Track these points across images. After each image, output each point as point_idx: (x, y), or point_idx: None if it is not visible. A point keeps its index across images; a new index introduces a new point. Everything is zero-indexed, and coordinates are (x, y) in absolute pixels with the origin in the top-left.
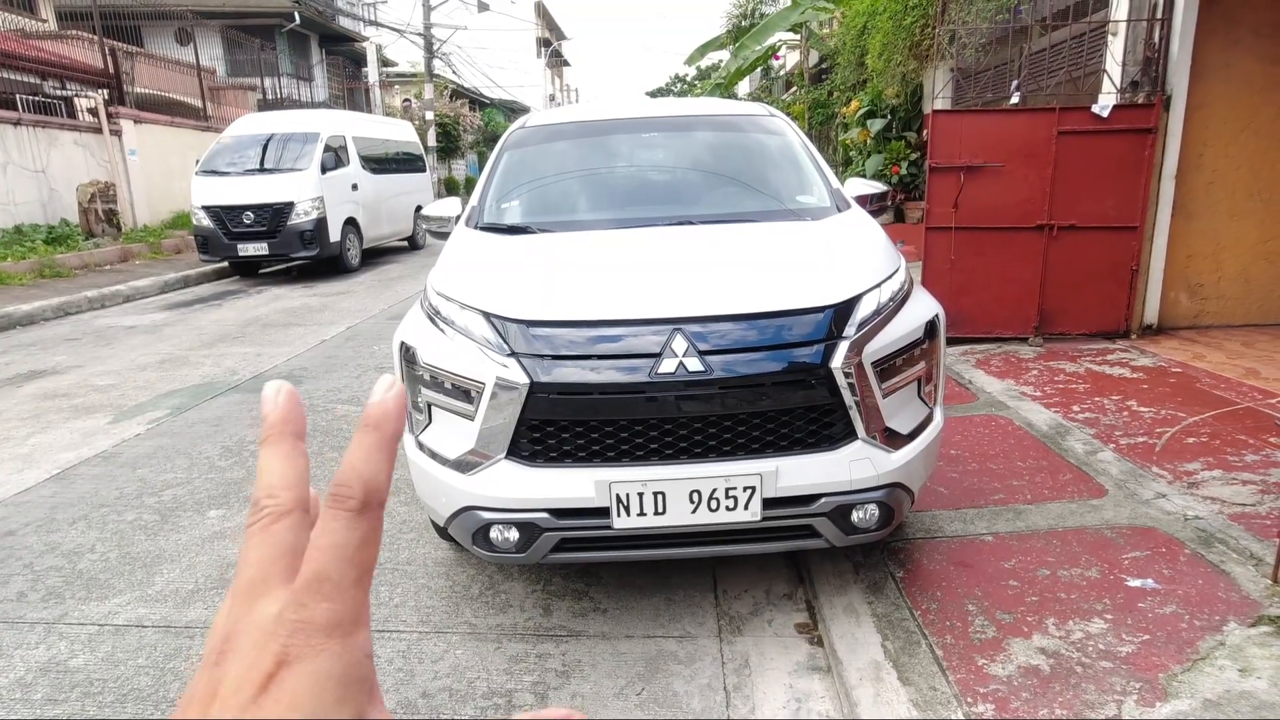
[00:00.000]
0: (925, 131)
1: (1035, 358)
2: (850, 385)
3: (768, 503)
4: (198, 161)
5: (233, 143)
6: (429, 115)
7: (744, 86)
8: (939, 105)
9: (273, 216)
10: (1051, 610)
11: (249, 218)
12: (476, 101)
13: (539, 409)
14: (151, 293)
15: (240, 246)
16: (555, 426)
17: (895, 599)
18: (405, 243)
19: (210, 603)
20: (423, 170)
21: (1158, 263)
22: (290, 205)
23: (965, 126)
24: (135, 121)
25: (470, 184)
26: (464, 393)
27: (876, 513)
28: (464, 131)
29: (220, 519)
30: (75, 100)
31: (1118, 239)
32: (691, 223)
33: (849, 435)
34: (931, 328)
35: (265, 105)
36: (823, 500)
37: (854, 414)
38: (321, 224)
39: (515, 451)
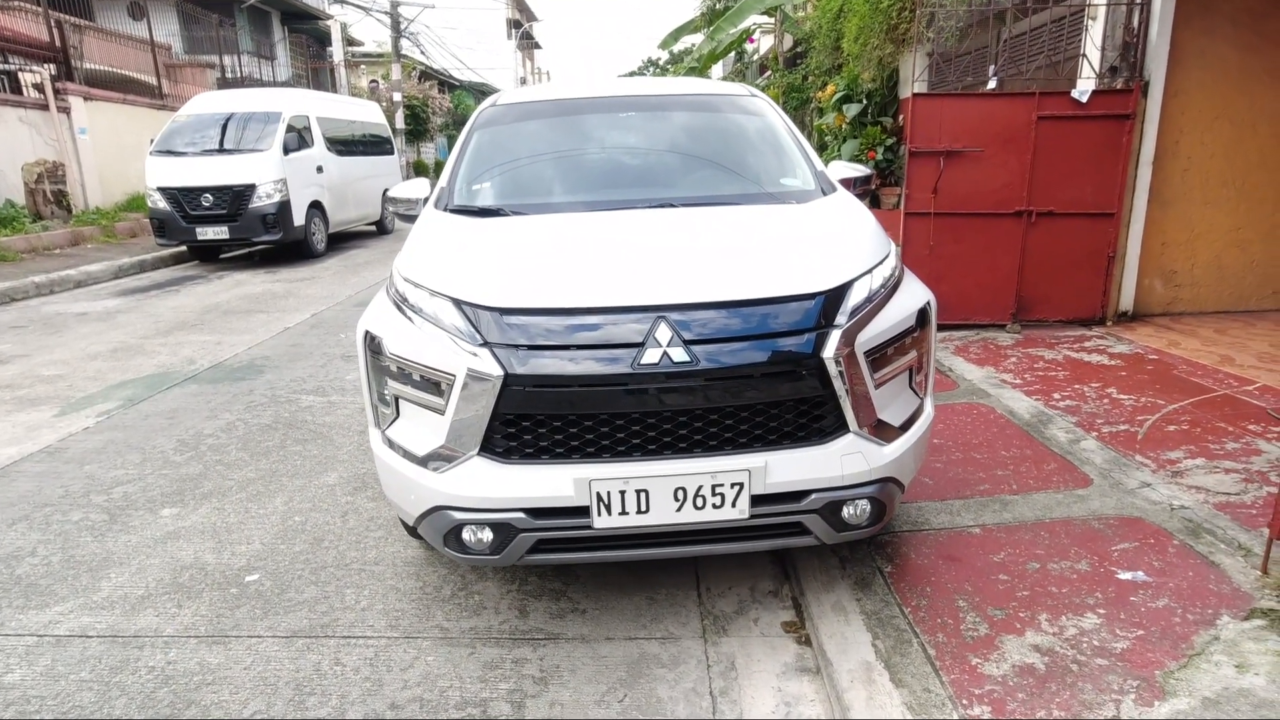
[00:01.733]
0: (901, 117)
1: (1013, 344)
2: (841, 376)
3: (756, 499)
4: (153, 141)
5: (189, 122)
6: (397, 96)
7: (717, 70)
8: (917, 89)
9: (233, 199)
10: (1043, 605)
11: (208, 200)
12: (446, 83)
13: (513, 402)
14: (105, 278)
15: (199, 230)
16: (531, 421)
17: (884, 595)
18: (373, 227)
19: (162, 609)
20: (390, 153)
21: (1134, 250)
22: (251, 187)
23: (945, 110)
24: (85, 98)
25: (440, 167)
26: (433, 385)
27: (868, 508)
28: (433, 114)
29: (174, 518)
30: (19, 75)
31: (1095, 225)
32: (672, 205)
33: (840, 428)
34: (923, 315)
35: (225, 84)
36: (813, 496)
37: (845, 406)
38: (285, 207)
39: (488, 448)
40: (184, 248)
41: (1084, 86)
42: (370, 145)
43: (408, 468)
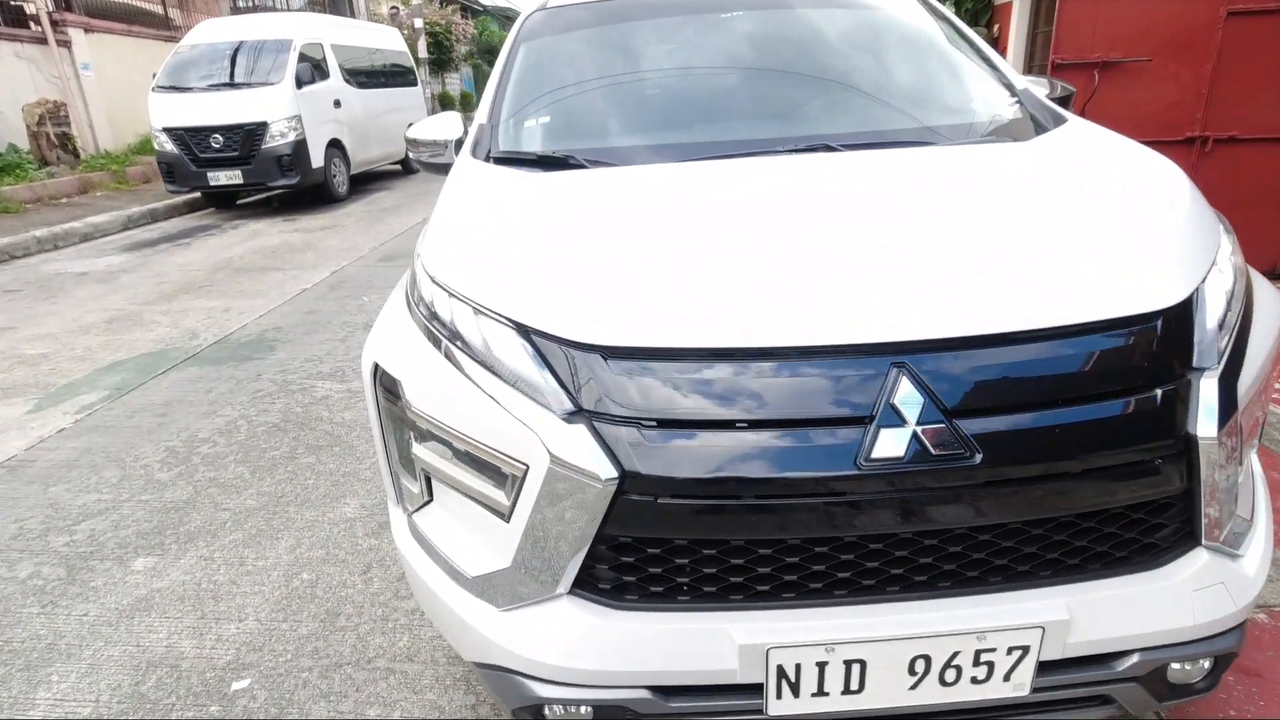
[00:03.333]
0: (997, 25)
1: None
2: (1212, 457)
3: (1044, 666)
4: (155, 76)
5: (193, 53)
6: (418, 23)
7: None
8: None
9: (244, 139)
10: None
11: (218, 141)
12: (468, 9)
13: (636, 520)
14: (113, 230)
15: (210, 175)
16: (664, 547)
17: None
18: (398, 166)
19: None
20: (414, 84)
21: None
22: (263, 126)
23: (1102, 10)
24: (86, 30)
25: (467, 101)
26: (489, 470)
27: (1209, 663)
28: (457, 41)
29: (149, 574)
30: (13, 5)
31: None
32: (830, 147)
33: (1185, 540)
34: None
35: (238, 12)
36: (1135, 659)
37: (1203, 506)
38: (301, 147)
39: (588, 583)
40: (198, 194)
41: None
42: (392, 76)
43: (450, 591)
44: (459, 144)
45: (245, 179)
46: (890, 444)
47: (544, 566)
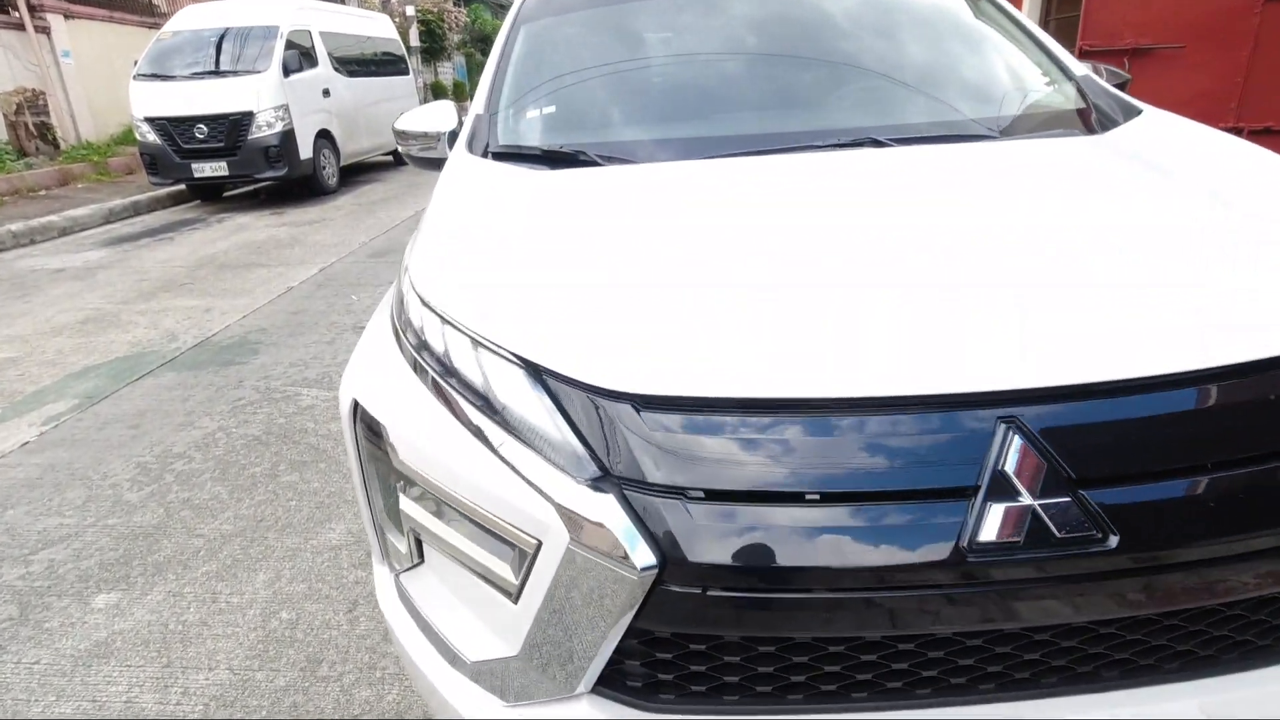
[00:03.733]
0: None
1: None
2: None
3: None
4: (136, 63)
5: (176, 40)
6: (410, 10)
7: None
8: None
9: (230, 129)
10: None
11: (202, 131)
12: None
13: (679, 614)
14: (93, 224)
15: (195, 166)
16: (709, 643)
17: None
18: (389, 157)
19: None
20: (406, 73)
21: None
22: (249, 116)
23: None
24: (65, 16)
25: (460, 91)
26: (494, 540)
27: None
28: (449, 30)
29: (110, 614)
30: None
31: None
32: (879, 142)
33: None
34: None
35: None
36: None
37: None
38: (289, 137)
39: (614, 681)
40: (182, 186)
41: None
42: (383, 65)
43: (444, 676)
44: (453, 137)
45: (231, 171)
46: (1001, 524)
47: (560, 660)
